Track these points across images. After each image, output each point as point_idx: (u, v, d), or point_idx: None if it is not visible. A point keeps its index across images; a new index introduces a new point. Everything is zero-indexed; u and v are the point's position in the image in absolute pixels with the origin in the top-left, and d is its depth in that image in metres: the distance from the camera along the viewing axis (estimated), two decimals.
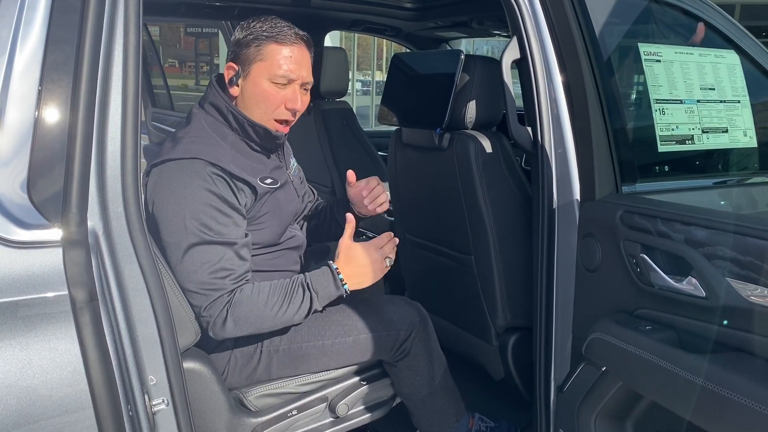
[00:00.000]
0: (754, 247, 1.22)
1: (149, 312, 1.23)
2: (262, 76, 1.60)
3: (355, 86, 14.47)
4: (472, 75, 2.03)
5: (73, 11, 1.16)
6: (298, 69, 1.62)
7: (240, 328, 1.54)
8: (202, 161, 1.52)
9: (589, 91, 1.61)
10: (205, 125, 1.63)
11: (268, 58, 1.60)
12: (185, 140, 1.58)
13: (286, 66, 1.60)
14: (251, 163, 1.64)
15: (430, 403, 1.87)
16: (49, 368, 1.09)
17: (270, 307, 1.55)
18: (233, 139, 1.64)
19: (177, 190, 1.50)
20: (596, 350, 1.53)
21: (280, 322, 1.59)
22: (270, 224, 1.68)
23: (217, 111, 1.64)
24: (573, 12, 1.63)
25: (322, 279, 1.61)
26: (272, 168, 1.72)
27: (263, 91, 1.61)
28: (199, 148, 1.55)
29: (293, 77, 1.61)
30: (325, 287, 1.61)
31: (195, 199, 1.50)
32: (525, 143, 1.78)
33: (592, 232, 1.58)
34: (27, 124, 1.13)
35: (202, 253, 1.50)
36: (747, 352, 1.24)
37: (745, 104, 1.89)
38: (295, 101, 1.63)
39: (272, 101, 1.62)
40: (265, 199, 1.65)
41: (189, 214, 1.49)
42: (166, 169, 1.53)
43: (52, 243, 1.12)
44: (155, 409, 1.25)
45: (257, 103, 1.62)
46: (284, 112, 1.64)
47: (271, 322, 1.57)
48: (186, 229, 1.49)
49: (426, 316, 1.86)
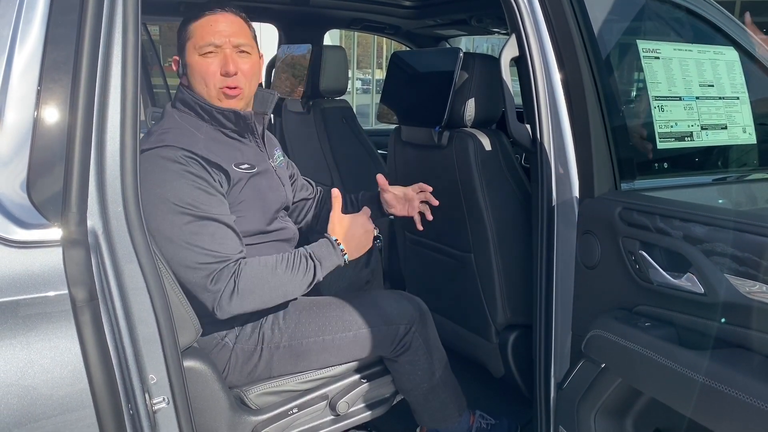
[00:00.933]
0: (753, 243, 1.22)
1: (149, 311, 1.23)
2: (193, 53, 1.64)
3: (355, 85, 14.45)
4: (471, 73, 2.03)
5: (72, 11, 1.17)
6: (221, 34, 1.63)
7: (247, 301, 1.54)
8: (174, 147, 1.53)
9: (587, 88, 1.61)
10: (177, 119, 1.65)
11: (193, 34, 1.64)
12: (158, 133, 1.60)
13: (207, 34, 1.62)
14: (226, 150, 1.65)
15: (432, 398, 1.87)
16: (49, 367, 1.09)
17: (277, 277, 1.57)
18: (207, 129, 1.65)
19: (155, 177, 1.51)
20: (595, 347, 1.54)
21: (286, 292, 1.61)
22: (252, 211, 1.69)
23: (186, 105, 1.66)
24: (571, 9, 1.63)
25: (324, 250, 1.65)
26: (250, 155, 1.72)
27: (196, 64, 1.63)
28: (172, 138, 1.56)
29: (218, 41, 1.62)
30: (327, 257, 1.65)
31: (175, 182, 1.51)
32: (524, 141, 1.78)
33: (591, 230, 1.59)
34: (26, 124, 1.14)
35: (196, 228, 1.51)
36: (746, 349, 1.24)
37: (744, 101, 1.89)
38: (226, 64, 1.62)
39: (206, 71, 1.62)
40: (241, 185, 1.65)
41: (173, 196, 1.50)
42: (141, 159, 1.53)
43: (52, 242, 1.12)
44: (156, 407, 1.26)
45: (197, 80, 1.64)
46: (221, 79, 1.63)
47: (277, 292, 1.59)
48: (173, 211, 1.50)
49: (426, 310, 1.86)
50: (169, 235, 1.50)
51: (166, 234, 1.50)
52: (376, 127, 4.27)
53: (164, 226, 1.50)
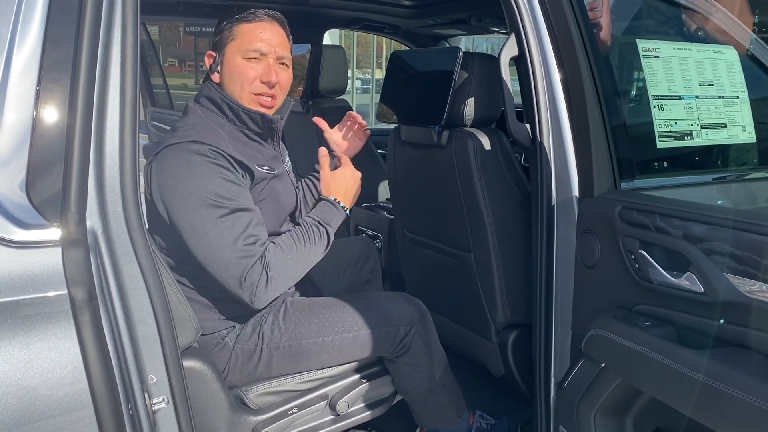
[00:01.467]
0: (752, 242, 1.22)
1: (149, 311, 1.23)
2: (235, 54, 1.65)
3: (355, 84, 14.46)
4: (470, 72, 2.03)
5: (71, 11, 1.17)
6: (269, 42, 1.65)
7: (281, 285, 1.59)
8: (201, 143, 1.54)
9: (587, 87, 1.60)
10: (202, 116, 1.65)
11: (239, 36, 1.65)
12: (183, 128, 1.60)
13: (256, 40, 1.64)
14: (248, 151, 1.66)
15: (431, 400, 1.87)
16: (49, 367, 1.10)
17: (300, 254, 1.62)
18: (230, 129, 1.66)
19: (183, 171, 1.51)
20: (595, 346, 1.54)
21: (310, 263, 1.66)
22: (268, 213, 1.69)
23: (212, 103, 1.67)
24: (570, 8, 1.63)
25: (328, 212, 1.72)
26: (269, 157, 1.74)
27: (237, 66, 1.64)
28: (197, 133, 1.57)
29: (264, 50, 1.64)
30: (333, 218, 1.72)
31: (203, 175, 1.51)
32: (523, 140, 1.78)
33: (590, 229, 1.58)
34: (25, 124, 1.14)
35: (228, 222, 1.51)
36: (745, 348, 1.24)
37: (743, 100, 1.89)
38: (269, 74, 1.64)
39: (246, 75, 1.64)
40: (262, 186, 1.67)
41: (202, 189, 1.50)
42: (167, 154, 1.54)
43: (51, 243, 1.12)
44: (155, 407, 1.26)
45: (233, 80, 1.65)
46: (260, 85, 1.65)
47: (303, 267, 1.65)
48: (205, 203, 1.50)
49: (426, 312, 1.86)
50: (203, 230, 1.50)
51: (199, 229, 1.50)
52: (375, 126, 4.27)
53: (196, 220, 1.50)
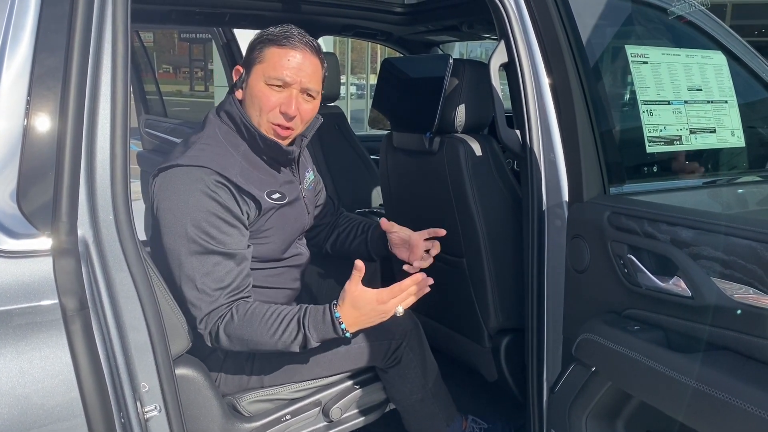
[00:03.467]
0: (739, 246, 1.23)
1: (140, 319, 1.23)
2: (259, 78, 1.58)
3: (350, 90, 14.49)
4: (461, 79, 2.04)
5: (61, 20, 1.17)
6: (295, 73, 1.57)
7: (234, 345, 1.53)
8: (208, 170, 1.50)
9: (575, 93, 1.62)
10: (219, 133, 1.61)
11: (267, 59, 1.58)
12: (196, 146, 1.56)
13: (282, 68, 1.57)
14: (261, 176, 1.62)
15: (421, 409, 1.87)
16: (41, 376, 1.10)
17: (262, 333, 1.51)
18: (245, 150, 1.61)
19: (180, 197, 1.49)
20: (586, 351, 1.54)
21: (274, 348, 1.54)
22: (273, 239, 1.66)
23: (231, 120, 1.62)
24: (558, 15, 1.65)
25: (321, 324, 1.53)
26: (283, 182, 1.69)
27: (258, 91, 1.58)
28: (208, 157, 1.53)
29: (288, 80, 1.57)
30: (322, 331, 1.53)
31: (198, 207, 1.49)
32: (514, 146, 1.79)
33: (580, 234, 1.59)
34: (16, 133, 1.14)
35: (200, 261, 1.49)
36: (733, 351, 1.25)
37: (732, 104, 1.91)
38: (288, 105, 1.57)
39: (266, 102, 1.57)
40: (270, 215, 1.63)
41: (190, 221, 1.48)
42: (172, 174, 1.52)
43: (42, 252, 1.12)
44: (148, 415, 1.26)
45: (253, 104, 1.59)
46: (277, 115, 1.58)
47: (265, 347, 1.54)
48: (186, 236, 1.48)
49: (418, 323, 1.87)
50: (179, 259, 1.50)
51: (176, 257, 1.50)
52: (370, 132, 4.28)
53: (176, 246, 1.50)
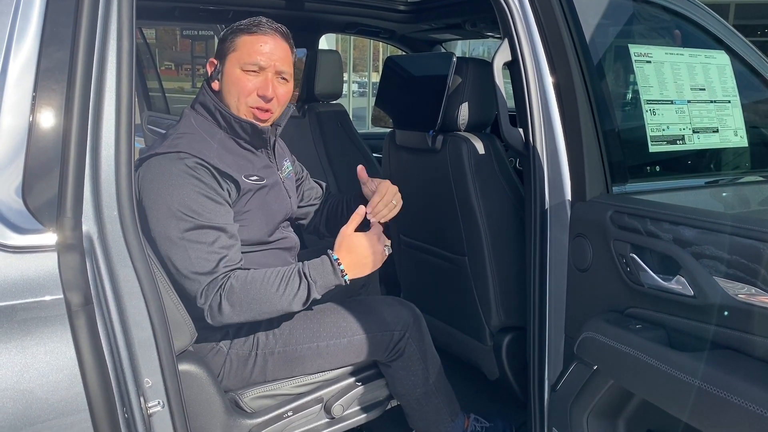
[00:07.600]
0: (741, 245, 1.23)
1: (144, 315, 1.24)
2: (235, 65, 1.64)
3: (352, 88, 14.48)
4: (464, 77, 2.05)
5: (67, 17, 1.18)
6: (269, 57, 1.64)
7: (238, 314, 1.53)
8: (186, 154, 1.55)
9: (579, 92, 1.62)
10: (194, 123, 1.66)
11: (240, 47, 1.65)
12: (173, 137, 1.61)
13: (255, 53, 1.63)
14: (237, 161, 1.66)
15: (425, 403, 1.88)
16: (45, 371, 1.10)
17: (266, 292, 1.53)
18: (221, 137, 1.67)
19: (163, 181, 1.52)
20: (587, 349, 1.55)
21: (279, 308, 1.56)
22: (256, 222, 1.69)
23: (206, 110, 1.68)
24: (562, 14, 1.65)
25: (321, 268, 1.58)
26: (260, 167, 1.73)
27: (235, 78, 1.64)
28: (186, 144, 1.57)
29: (263, 64, 1.64)
30: (323, 276, 1.58)
31: (182, 188, 1.52)
32: (517, 144, 1.80)
33: (583, 233, 1.60)
34: (22, 129, 1.14)
35: (193, 236, 1.51)
36: (735, 350, 1.26)
37: (735, 104, 1.91)
38: (266, 88, 1.64)
39: (243, 87, 1.64)
40: (249, 196, 1.67)
41: (177, 202, 1.51)
42: (152, 162, 1.56)
43: (47, 247, 1.13)
44: (151, 411, 1.26)
45: (230, 91, 1.65)
46: (256, 99, 1.65)
47: (269, 307, 1.55)
48: (175, 216, 1.51)
49: (420, 316, 1.87)
50: (169, 240, 1.51)
51: (166, 239, 1.51)
52: (372, 130, 4.27)
53: (164, 229, 1.51)
